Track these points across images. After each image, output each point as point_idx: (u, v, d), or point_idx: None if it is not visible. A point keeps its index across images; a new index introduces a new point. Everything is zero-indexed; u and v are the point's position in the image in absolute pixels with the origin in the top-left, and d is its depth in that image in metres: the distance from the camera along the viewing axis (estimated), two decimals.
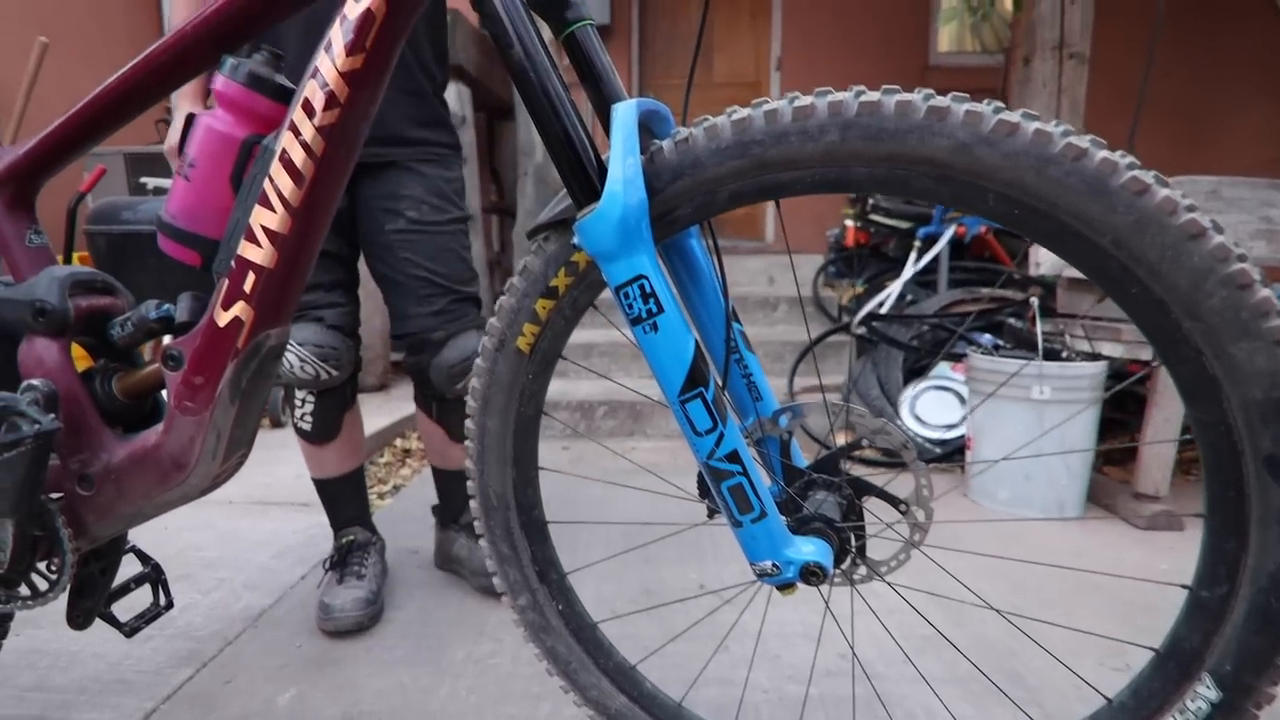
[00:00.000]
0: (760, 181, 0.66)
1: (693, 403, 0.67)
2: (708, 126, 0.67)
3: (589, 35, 0.77)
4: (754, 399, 0.85)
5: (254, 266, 0.75)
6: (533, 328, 0.77)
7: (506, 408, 0.79)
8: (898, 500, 0.83)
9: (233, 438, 0.83)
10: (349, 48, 0.70)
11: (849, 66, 5.14)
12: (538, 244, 0.76)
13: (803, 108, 0.63)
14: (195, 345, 0.78)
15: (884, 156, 0.62)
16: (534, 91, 0.64)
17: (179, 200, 0.77)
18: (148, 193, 2.89)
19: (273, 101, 0.76)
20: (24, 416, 0.74)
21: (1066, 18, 3.43)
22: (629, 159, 0.63)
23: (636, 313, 0.65)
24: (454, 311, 1.36)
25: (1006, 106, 0.62)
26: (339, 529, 1.53)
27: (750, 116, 0.65)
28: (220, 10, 0.74)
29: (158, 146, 3.52)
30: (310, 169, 0.73)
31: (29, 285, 0.81)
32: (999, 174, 0.60)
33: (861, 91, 0.63)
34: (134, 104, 0.80)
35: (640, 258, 0.64)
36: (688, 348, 0.66)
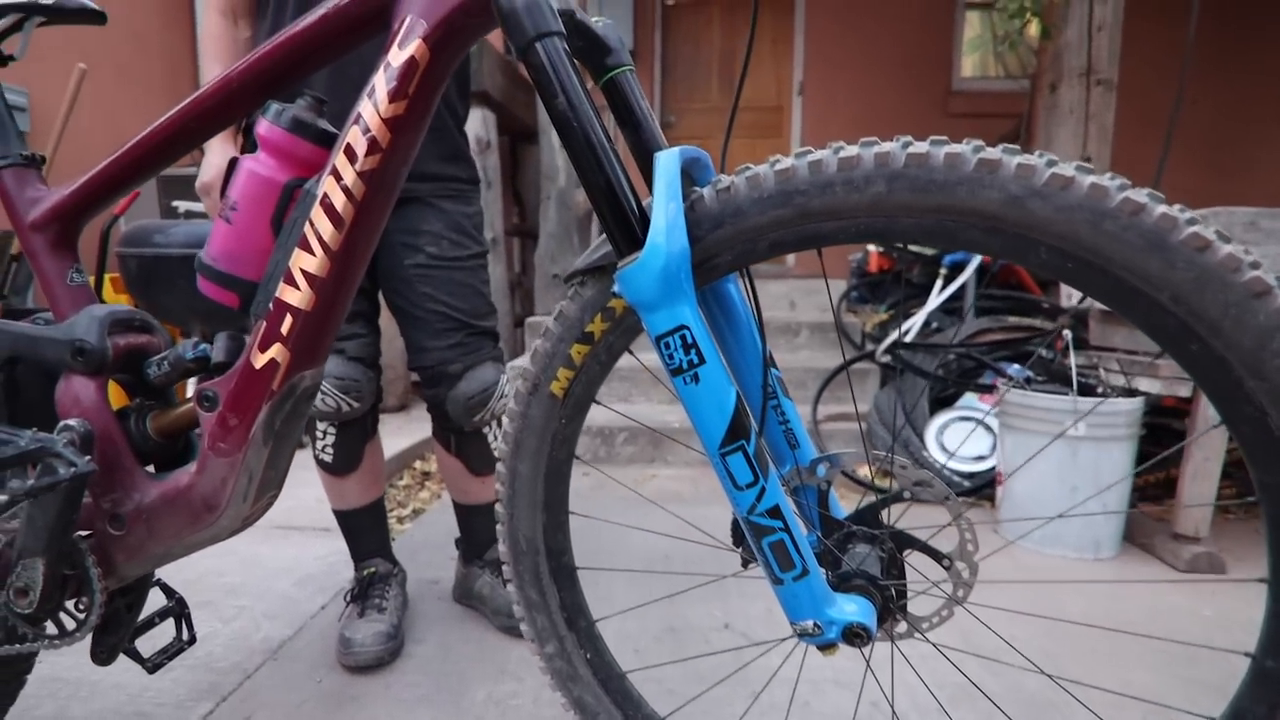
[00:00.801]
0: (803, 231, 0.65)
1: (734, 456, 0.65)
2: (750, 175, 0.66)
3: (629, 81, 0.77)
4: (791, 446, 0.84)
5: (292, 309, 0.75)
6: (567, 372, 0.76)
7: (538, 452, 0.79)
8: (941, 555, 0.80)
9: (264, 479, 0.83)
10: (392, 94, 0.71)
11: (871, 92, 5.15)
12: (574, 289, 0.75)
13: (848, 158, 0.62)
14: (231, 386, 0.78)
15: (932, 208, 0.61)
16: (577, 141, 0.64)
17: (219, 243, 0.77)
18: (179, 216, 2.94)
19: (315, 146, 0.76)
20: (60, 458, 0.74)
21: (1094, 45, 3.40)
22: (671, 209, 0.62)
23: (677, 363, 0.64)
24: (471, 344, 1.36)
25: (1032, 132, 0.61)
26: (360, 560, 1.52)
27: (794, 166, 0.64)
28: (265, 57, 0.75)
29: (191, 170, 3.58)
30: (351, 213, 0.73)
31: (69, 324, 0.81)
32: (1052, 227, 0.59)
33: (909, 142, 0.62)
34: (179, 146, 0.80)
35: (682, 308, 0.63)
36: (729, 400, 0.65)
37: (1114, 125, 3.54)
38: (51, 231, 0.84)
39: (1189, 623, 1.54)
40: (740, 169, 0.67)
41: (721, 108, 5.50)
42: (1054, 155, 2.42)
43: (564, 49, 0.64)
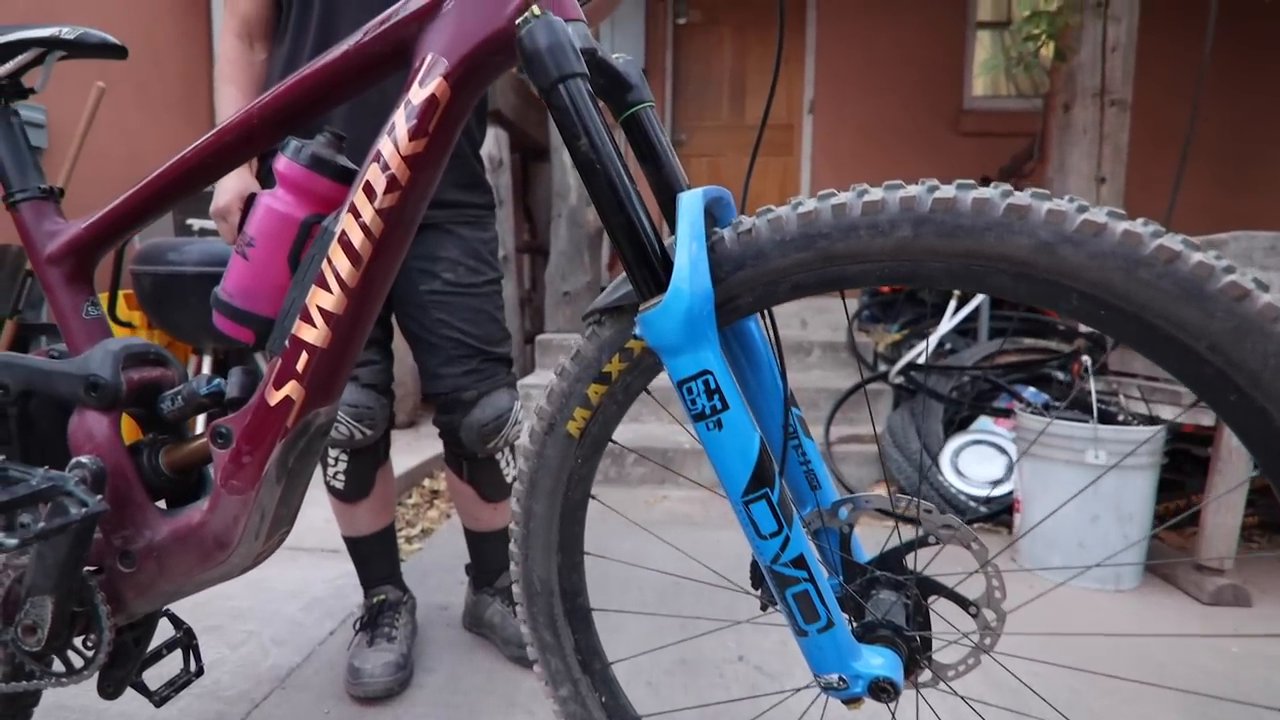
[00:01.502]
0: (825, 274, 0.64)
1: (757, 504, 0.64)
2: (771, 218, 0.65)
3: (649, 117, 0.76)
4: (812, 488, 0.82)
5: (308, 346, 0.74)
6: (584, 412, 0.75)
7: (554, 492, 0.77)
8: (968, 602, 0.78)
9: (277, 516, 0.82)
10: (413, 132, 0.70)
11: (882, 110, 5.15)
12: (591, 328, 0.74)
13: (873, 202, 0.61)
14: (245, 423, 0.77)
15: (959, 253, 0.60)
16: (600, 183, 0.63)
17: (236, 279, 0.77)
18: (193, 234, 2.96)
19: (333, 182, 0.76)
20: (71, 497, 0.73)
21: (1108, 65, 3.39)
22: (695, 252, 0.61)
23: (700, 409, 0.63)
24: (485, 371, 1.35)
25: (1045, 152, 0.59)
26: (369, 588, 1.50)
27: (817, 209, 0.63)
28: (286, 94, 0.75)
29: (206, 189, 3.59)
30: (369, 250, 0.73)
31: (83, 359, 0.81)
32: (1084, 274, 0.57)
33: (935, 186, 0.61)
34: (198, 181, 0.80)
35: (705, 352, 0.62)
36: (753, 446, 0.63)
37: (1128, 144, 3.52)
38: (68, 265, 0.84)
39: (1215, 660, 1.50)
40: (762, 210, 0.66)
41: (731, 125, 5.51)
42: (1069, 174, 2.43)
43: (587, 90, 0.63)
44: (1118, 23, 3.19)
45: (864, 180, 3.69)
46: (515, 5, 0.68)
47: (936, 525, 0.80)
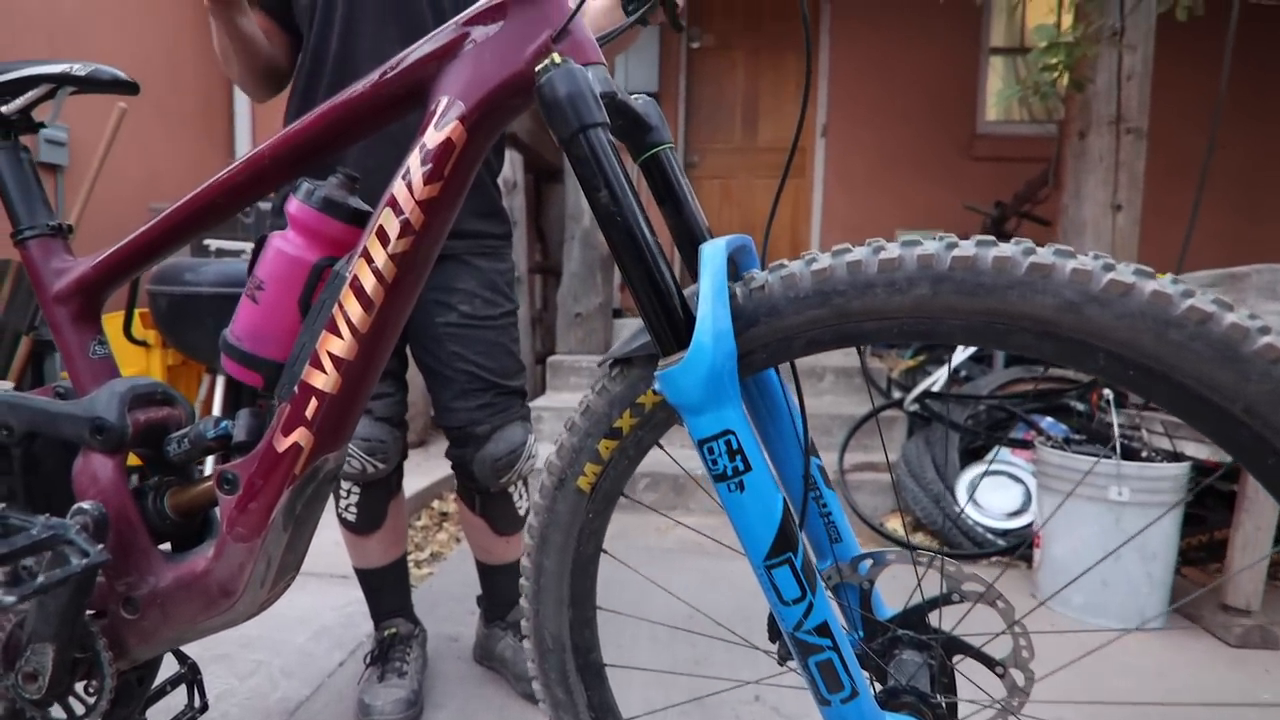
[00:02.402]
0: (841, 330, 0.62)
1: (780, 569, 0.61)
2: (785, 275, 0.63)
3: (669, 158, 0.74)
4: (832, 540, 0.79)
5: (317, 393, 0.73)
6: (594, 467, 0.73)
7: (565, 547, 0.75)
8: (994, 661, 0.75)
9: (283, 563, 0.80)
10: (428, 176, 0.69)
11: (895, 134, 5.14)
12: (602, 381, 0.72)
13: (889, 259, 0.59)
14: (252, 470, 0.75)
15: (980, 311, 0.58)
16: (620, 235, 0.61)
17: (244, 322, 0.75)
18: (210, 254, 2.97)
19: (346, 225, 0.74)
20: (72, 545, 0.71)
21: (1123, 94, 3.37)
22: (718, 308, 0.59)
23: (721, 469, 0.60)
24: (499, 404, 1.33)
25: (1060, 179, 0.57)
26: (380, 620, 1.48)
27: (831, 266, 0.61)
28: (298, 134, 0.74)
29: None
30: (381, 295, 0.71)
31: (89, 400, 0.79)
32: (1111, 335, 0.55)
33: (953, 243, 0.59)
34: (209, 220, 0.79)
35: (728, 411, 0.60)
36: (776, 509, 0.61)
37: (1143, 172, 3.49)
38: (75, 303, 0.83)
39: (1245, 709, 1.45)
40: (774, 266, 0.65)
41: (743, 148, 5.52)
42: (1084, 202, 2.39)
43: (608, 140, 0.61)
44: (1133, 51, 3.17)
45: (876, 204, 3.68)
46: (534, 49, 0.67)
47: (960, 581, 0.77)
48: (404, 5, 1.19)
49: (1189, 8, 2.48)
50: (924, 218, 5.11)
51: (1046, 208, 4.26)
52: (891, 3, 4.98)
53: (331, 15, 1.20)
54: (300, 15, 1.23)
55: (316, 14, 1.20)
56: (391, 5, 1.19)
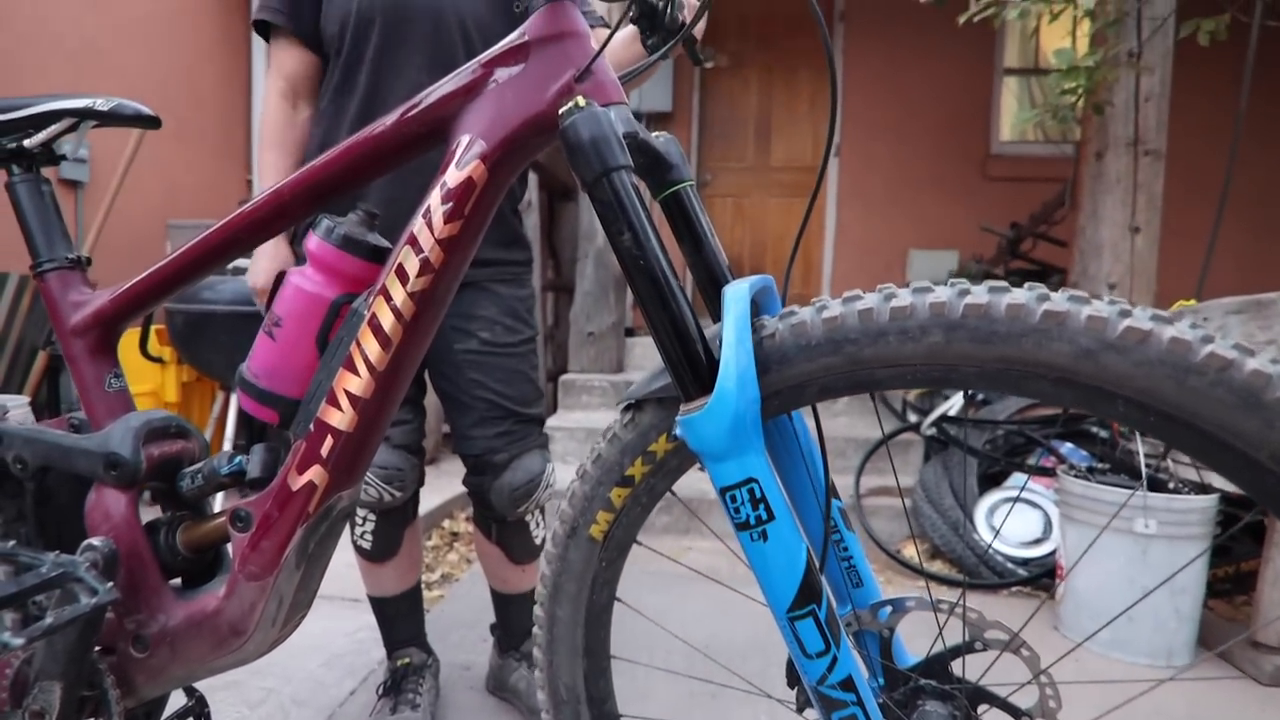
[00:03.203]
0: (855, 377, 0.62)
1: (804, 621, 0.59)
2: (795, 323, 0.62)
3: (689, 196, 0.74)
4: (854, 585, 0.77)
5: (333, 431, 0.72)
6: (607, 515, 0.72)
7: (578, 596, 0.74)
8: (1020, 712, 0.73)
9: (295, 602, 0.79)
10: (448, 215, 0.68)
11: (909, 154, 5.13)
12: (613, 429, 0.71)
13: (901, 307, 0.59)
14: (265, 507, 0.74)
15: (995, 358, 0.57)
16: (643, 279, 0.60)
17: (261, 359, 0.75)
18: (226, 272, 2.98)
19: (365, 262, 0.74)
20: (81, 583, 0.70)
21: (1141, 115, 3.34)
22: (742, 354, 0.58)
23: (744, 518, 0.59)
24: (518, 432, 1.32)
25: (1077, 200, 0.56)
26: (393, 649, 1.46)
27: (842, 314, 0.60)
28: (319, 171, 0.73)
29: None
30: (399, 334, 0.70)
31: (104, 435, 0.79)
32: (1130, 382, 0.54)
33: (965, 290, 0.58)
34: (229, 255, 0.79)
35: (751, 459, 0.58)
36: (799, 559, 0.59)
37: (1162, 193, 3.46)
38: (92, 336, 0.82)
39: None
40: (785, 313, 0.64)
41: (756, 167, 5.52)
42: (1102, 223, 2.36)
43: (632, 183, 0.61)
44: (1151, 73, 3.15)
45: (890, 224, 3.65)
46: (557, 89, 0.67)
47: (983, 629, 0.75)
48: (435, 36, 1.20)
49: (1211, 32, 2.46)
50: (938, 237, 5.09)
51: (1063, 229, 4.22)
52: (905, 23, 4.99)
53: (362, 46, 1.20)
54: (328, 43, 1.24)
55: (345, 44, 1.21)
56: (422, 37, 1.20)
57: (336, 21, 1.21)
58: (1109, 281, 3.44)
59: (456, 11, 1.22)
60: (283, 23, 1.24)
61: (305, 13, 1.23)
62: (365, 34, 1.20)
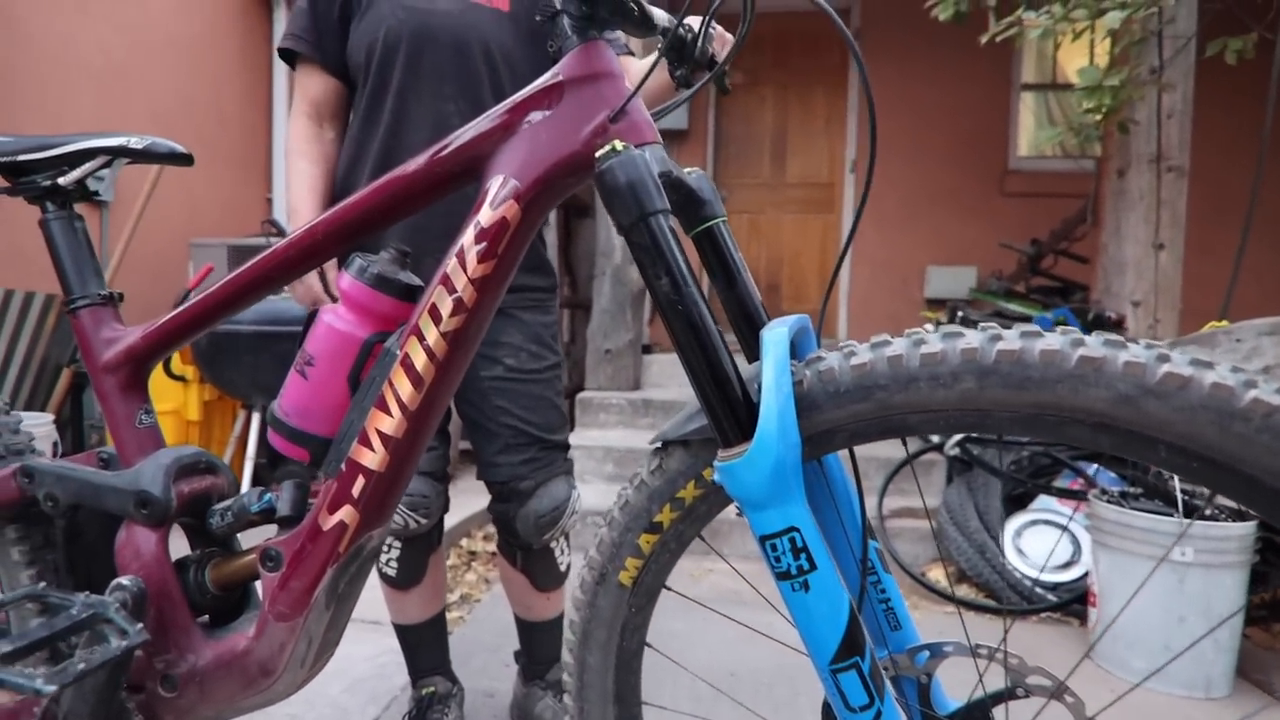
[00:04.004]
0: (886, 423, 0.61)
1: (847, 674, 0.58)
2: (824, 369, 0.61)
3: (722, 232, 0.73)
4: (891, 627, 0.75)
5: (364, 471, 0.71)
6: (635, 562, 0.72)
7: (608, 643, 0.73)
8: None
9: (324, 641, 0.78)
10: (482, 255, 0.68)
11: (925, 170, 5.11)
12: (640, 475, 0.70)
13: (932, 354, 0.57)
14: (295, 547, 0.74)
15: (1030, 404, 0.56)
16: (681, 324, 0.59)
17: (293, 397, 0.74)
18: None
19: (398, 301, 0.74)
20: (111, 625, 0.70)
21: (1163, 132, 3.31)
22: (784, 400, 0.57)
23: (785, 568, 0.58)
24: (543, 459, 1.31)
25: (1099, 216, 0.55)
26: (418, 677, 1.45)
27: (871, 361, 0.59)
28: (351, 210, 0.73)
29: (259, 240, 3.68)
30: (431, 373, 0.70)
31: (134, 473, 0.79)
32: (1171, 428, 0.53)
33: (997, 336, 0.57)
34: (260, 293, 0.79)
35: (793, 508, 0.57)
36: (843, 610, 0.57)
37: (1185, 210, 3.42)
38: (123, 373, 0.83)
39: None
40: (812, 359, 0.63)
41: (772, 184, 5.53)
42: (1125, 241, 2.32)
43: (669, 227, 0.60)
44: (1173, 90, 3.12)
45: (908, 240, 3.61)
46: (591, 129, 0.66)
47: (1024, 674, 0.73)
48: (459, 63, 1.20)
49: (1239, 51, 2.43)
50: (956, 254, 5.05)
51: (1084, 245, 4.18)
52: (921, 39, 4.98)
53: (387, 74, 1.20)
54: (354, 71, 1.24)
55: (371, 72, 1.21)
56: (448, 65, 1.20)
57: (362, 50, 1.22)
58: (1133, 299, 3.40)
59: (481, 39, 1.22)
60: (306, 51, 1.24)
61: (328, 41, 1.24)
62: (390, 61, 1.21)
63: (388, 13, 1.20)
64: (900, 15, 5.04)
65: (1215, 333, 2.01)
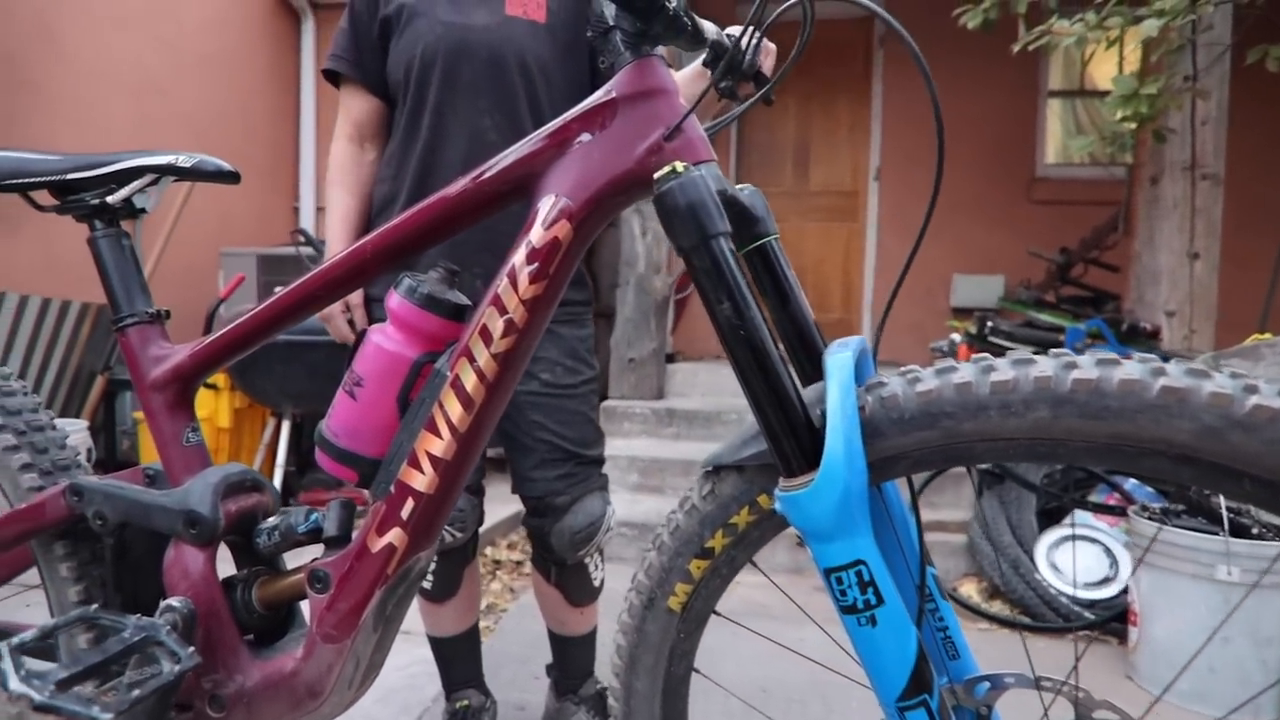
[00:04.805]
0: (951, 451, 0.59)
1: (915, 712, 0.56)
2: (887, 395, 0.59)
3: (774, 250, 0.71)
4: (949, 657, 0.73)
5: (414, 493, 0.71)
6: (685, 587, 0.70)
7: (655, 668, 0.72)
8: None
9: (371, 663, 0.78)
10: (533, 275, 0.67)
11: (951, 178, 4.99)
12: (690, 500, 0.69)
13: (1003, 381, 0.56)
14: (344, 569, 0.73)
15: (1107, 435, 0.54)
16: (743, 349, 0.58)
17: (342, 417, 0.74)
18: None
19: (447, 321, 0.73)
20: (163, 647, 0.70)
21: (1198, 139, 3.26)
22: (850, 429, 0.56)
23: (850, 601, 0.56)
24: (579, 475, 1.30)
25: (1131, 225, 0.53)
26: (452, 690, 1.45)
27: (938, 388, 0.58)
28: (399, 229, 0.73)
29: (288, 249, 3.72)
30: (481, 395, 0.69)
31: (183, 493, 0.79)
32: (1260, 461, 0.51)
33: (1071, 363, 0.55)
34: (306, 312, 0.79)
35: (860, 540, 0.55)
36: (910, 646, 0.56)
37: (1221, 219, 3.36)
38: (171, 391, 0.83)
39: None
40: (873, 384, 0.61)
41: (795, 192, 5.50)
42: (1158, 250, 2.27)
43: (731, 249, 0.59)
44: (1208, 97, 3.07)
45: (933, 248, 3.52)
46: (646, 147, 0.65)
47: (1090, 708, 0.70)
48: (495, 78, 1.20)
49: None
50: (982, 262, 4.99)
51: (1115, 254, 4.12)
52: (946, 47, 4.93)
53: (425, 90, 1.21)
54: (394, 89, 1.25)
55: (410, 89, 1.22)
56: (484, 80, 1.20)
57: (401, 67, 1.22)
58: (1167, 309, 3.33)
59: (518, 53, 1.22)
60: (348, 71, 1.26)
61: (369, 61, 1.25)
62: (427, 78, 1.21)
63: (425, 29, 1.21)
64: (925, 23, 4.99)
65: (1258, 345, 1.97)
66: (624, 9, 0.65)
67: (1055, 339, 2.99)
